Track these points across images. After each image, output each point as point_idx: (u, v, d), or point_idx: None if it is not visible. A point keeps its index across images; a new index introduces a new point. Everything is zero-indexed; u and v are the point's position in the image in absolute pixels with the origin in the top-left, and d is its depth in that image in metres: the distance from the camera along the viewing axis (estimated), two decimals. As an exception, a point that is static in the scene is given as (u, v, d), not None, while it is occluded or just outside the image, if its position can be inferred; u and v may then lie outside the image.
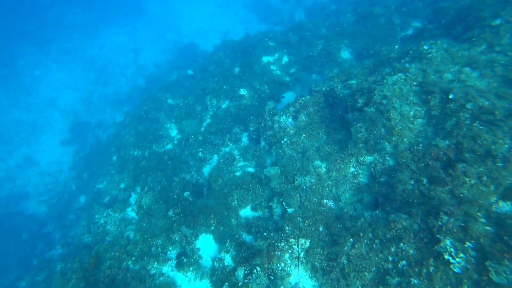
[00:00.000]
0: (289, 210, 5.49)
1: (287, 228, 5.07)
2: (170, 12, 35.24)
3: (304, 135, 6.81)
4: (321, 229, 4.99)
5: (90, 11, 34.46)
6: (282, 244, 4.95)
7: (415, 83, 5.64)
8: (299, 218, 4.98)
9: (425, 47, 6.18)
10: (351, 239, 4.65)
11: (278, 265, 4.96)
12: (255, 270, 4.88)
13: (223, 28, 32.16)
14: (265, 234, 5.19)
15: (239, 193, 6.39)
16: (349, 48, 11.30)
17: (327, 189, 5.57)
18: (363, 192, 5.38)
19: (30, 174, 21.66)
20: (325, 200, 5.42)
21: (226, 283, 5.21)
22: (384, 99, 5.53)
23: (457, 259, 3.91)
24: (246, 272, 5.03)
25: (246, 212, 6.32)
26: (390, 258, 4.45)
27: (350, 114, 6.16)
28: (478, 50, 6.17)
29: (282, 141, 7.03)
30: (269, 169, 6.17)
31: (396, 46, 8.50)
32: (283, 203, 5.58)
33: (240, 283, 4.96)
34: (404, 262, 4.31)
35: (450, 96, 5.02)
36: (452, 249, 3.97)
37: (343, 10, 16.92)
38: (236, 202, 6.31)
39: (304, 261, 4.97)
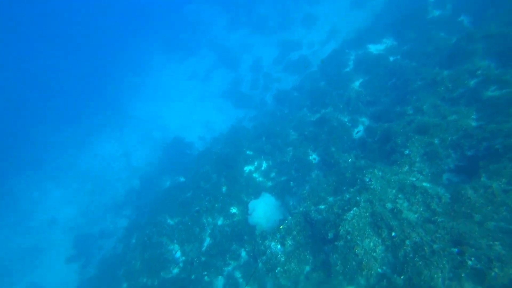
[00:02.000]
0: None
1: None
2: (154, 112, 38.40)
3: (293, 263, 8.04)
4: None
5: (78, 126, 37.36)
6: None
7: (367, 214, 7.19)
8: None
9: (367, 180, 7.96)
10: None
11: None
12: None
13: (203, 118, 35.25)
14: None
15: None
16: (314, 152, 13.30)
17: (322, 324, 6.59)
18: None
19: (36, 304, 21.32)
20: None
21: None
22: (348, 235, 6.98)
23: None
24: None
25: None
26: None
27: (325, 246, 7.53)
28: (404, 170, 8.04)
29: (276, 270, 8.20)
30: (270, 310, 7.21)
31: (350, 160, 10.37)
32: None
33: None
34: None
35: (393, 234, 6.55)
36: None
37: (301, 104, 19.74)
38: None
39: None
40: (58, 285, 21.54)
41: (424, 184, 7.70)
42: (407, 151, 8.38)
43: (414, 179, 7.93)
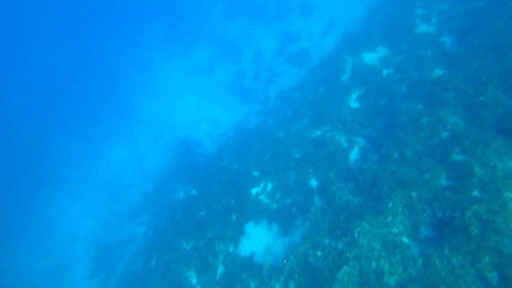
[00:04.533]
0: None
1: None
2: (161, 112, 39.00)
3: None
4: None
5: (90, 135, 38.59)
6: None
7: (356, 273, 8.36)
8: None
9: (356, 235, 9.01)
10: None
11: None
12: None
13: (210, 114, 35.88)
14: None
15: None
16: (314, 177, 14.28)
17: None
18: None
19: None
20: None
21: None
22: (339, 292, 8.21)
23: None
24: None
25: None
26: None
27: (320, 296, 8.81)
28: (388, 221, 9.05)
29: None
30: None
31: (344, 198, 11.32)
32: None
33: None
34: None
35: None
36: None
37: (303, 112, 20.29)
38: None
39: None
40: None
41: (404, 239, 8.70)
42: (390, 204, 9.29)
43: (396, 230, 8.90)
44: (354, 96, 17.31)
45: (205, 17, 43.68)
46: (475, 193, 8.14)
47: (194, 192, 21.61)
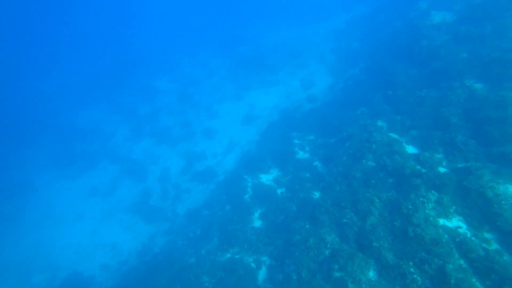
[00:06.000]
0: None
1: None
2: (36, 247, 32.11)
3: None
4: None
5: None
6: None
7: None
8: None
9: None
10: None
11: None
12: None
13: (108, 240, 31.93)
14: None
15: None
16: (228, 308, 13.98)
17: None
18: None
19: None
20: None
21: None
22: None
23: None
24: None
25: None
26: None
27: None
28: None
29: None
30: None
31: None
32: None
33: None
34: None
35: None
36: None
37: (211, 233, 20.81)
38: None
39: None
40: None
41: None
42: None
43: None
44: (256, 214, 19.18)
45: (108, 137, 43.79)
46: (352, 306, 9.68)
47: None
